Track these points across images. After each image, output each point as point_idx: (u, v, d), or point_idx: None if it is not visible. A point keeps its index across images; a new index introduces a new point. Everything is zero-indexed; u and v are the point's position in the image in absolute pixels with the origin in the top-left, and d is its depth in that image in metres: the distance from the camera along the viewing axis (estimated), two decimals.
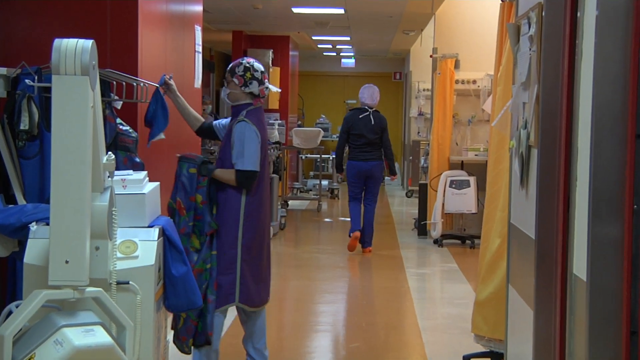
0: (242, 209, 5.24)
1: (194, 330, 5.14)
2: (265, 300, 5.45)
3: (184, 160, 5.28)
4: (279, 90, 5.39)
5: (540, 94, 4.19)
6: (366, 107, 10.72)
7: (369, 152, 10.66)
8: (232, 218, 5.22)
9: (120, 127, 5.06)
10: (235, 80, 5.29)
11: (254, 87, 5.26)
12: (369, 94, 10.82)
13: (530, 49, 4.46)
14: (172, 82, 5.45)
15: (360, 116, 10.69)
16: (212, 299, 5.17)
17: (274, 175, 12.08)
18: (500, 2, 5.94)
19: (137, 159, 5.12)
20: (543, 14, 4.17)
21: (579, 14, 3.50)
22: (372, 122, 10.64)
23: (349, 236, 10.85)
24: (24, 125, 4.55)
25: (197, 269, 5.08)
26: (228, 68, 5.41)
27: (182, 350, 5.20)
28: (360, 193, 10.87)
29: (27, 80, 4.58)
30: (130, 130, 5.12)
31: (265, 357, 5.49)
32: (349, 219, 11.08)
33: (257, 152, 5.20)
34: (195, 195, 5.18)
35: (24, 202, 4.52)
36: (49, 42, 3.60)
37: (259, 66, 5.35)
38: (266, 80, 5.33)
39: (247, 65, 5.33)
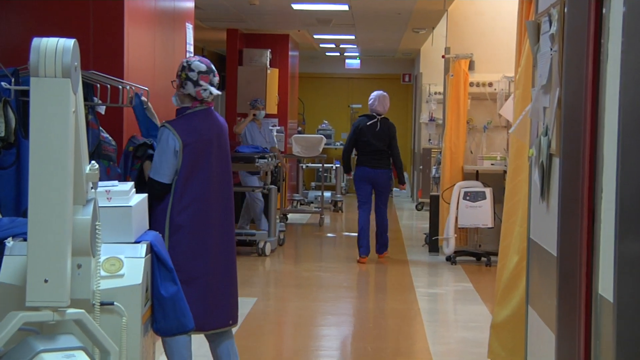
0: (167, 220, 5.13)
1: None
2: (211, 326, 5.26)
3: (131, 138, 5.35)
4: (219, 94, 5.33)
5: (563, 97, 4.19)
6: (374, 114, 11.33)
7: (377, 160, 11.25)
8: (158, 227, 5.00)
9: (102, 134, 5.07)
10: (176, 80, 5.25)
11: (190, 89, 5.20)
12: (381, 101, 11.39)
13: (551, 49, 4.46)
14: (148, 103, 5.48)
15: (368, 123, 11.30)
16: None
17: (272, 186, 12.08)
18: None
19: (119, 170, 5.13)
20: (565, 10, 4.17)
21: (604, 11, 3.50)
22: (378, 129, 11.23)
23: (360, 256, 11.35)
24: (0, 132, 4.56)
25: None
26: None
27: None
28: (369, 197, 11.36)
29: (3, 83, 4.59)
30: (110, 139, 5.13)
31: None
32: (354, 234, 11.08)
33: (167, 162, 5.10)
34: (129, 175, 5.23)
35: (0, 216, 4.53)
36: (27, 42, 3.60)
37: (198, 65, 5.22)
38: (204, 82, 5.21)
39: (184, 64, 5.24)
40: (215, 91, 5.27)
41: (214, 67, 5.32)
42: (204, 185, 5.21)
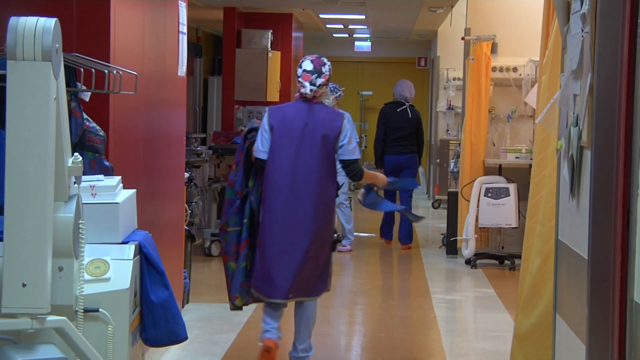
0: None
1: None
2: (267, 296, 6.60)
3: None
4: (313, 89, 6.74)
5: (595, 84, 4.19)
6: (403, 101, 12.84)
7: (403, 145, 12.75)
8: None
9: (87, 123, 5.07)
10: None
11: (298, 84, 6.81)
12: (408, 88, 13.00)
13: (582, 30, 4.46)
14: None
15: (398, 110, 12.79)
16: None
17: None
18: None
19: (106, 163, 5.13)
20: None
21: None
22: (410, 115, 12.78)
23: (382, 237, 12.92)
24: None
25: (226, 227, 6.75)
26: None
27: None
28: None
29: None
30: (98, 128, 5.13)
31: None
32: (364, 235, 11.07)
33: (261, 139, 6.62)
34: (242, 151, 6.75)
35: None
36: (4, 22, 3.61)
37: (306, 64, 6.75)
38: (304, 80, 6.70)
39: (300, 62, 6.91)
40: (308, 89, 6.65)
41: (324, 69, 6.74)
42: (281, 165, 6.59)
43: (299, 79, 6.68)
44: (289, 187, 6.61)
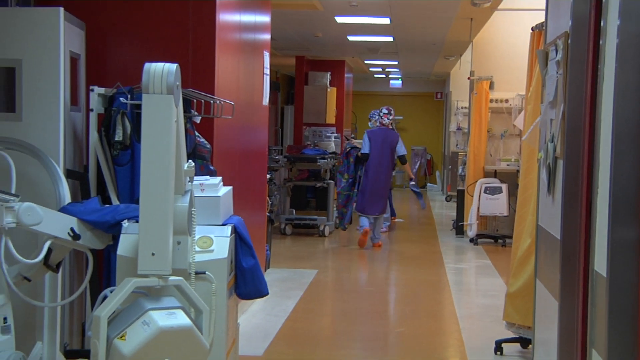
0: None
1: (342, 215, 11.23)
2: (364, 213, 10.69)
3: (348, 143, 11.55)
4: (388, 122, 10.88)
5: (566, 111, 4.14)
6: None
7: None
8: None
9: (198, 139, 5.10)
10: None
11: (382, 119, 10.96)
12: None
13: (557, 72, 4.41)
14: None
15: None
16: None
17: (330, 181, 12.09)
18: (531, 31, 5.89)
19: (212, 167, 5.16)
20: (569, 41, 4.13)
21: (601, 42, 3.46)
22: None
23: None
24: (119, 136, 4.62)
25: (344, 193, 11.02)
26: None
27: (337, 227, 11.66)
28: None
29: (121, 99, 4.65)
30: (206, 142, 5.16)
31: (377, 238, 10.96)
32: (397, 220, 11.14)
33: (364, 144, 10.72)
34: (345, 156, 11.09)
35: (118, 203, 4.59)
36: (140, 66, 3.64)
37: (384, 111, 10.93)
38: (384, 118, 10.79)
39: (383, 110, 10.94)
40: (386, 121, 10.76)
41: (392, 112, 10.89)
42: (374, 156, 10.65)
43: (381, 116, 10.73)
44: (376, 166, 10.64)
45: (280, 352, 5.90)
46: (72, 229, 3.90)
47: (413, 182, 11.56)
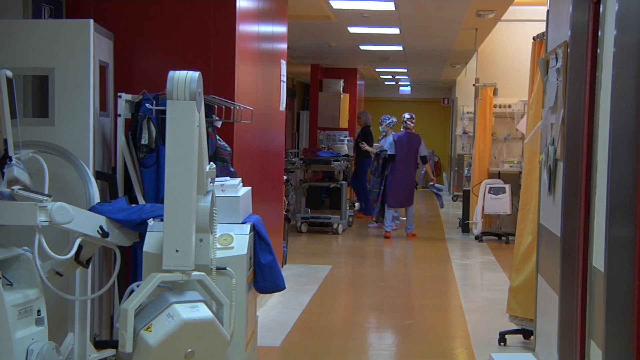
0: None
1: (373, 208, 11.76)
2: (399, 205, 11.36)
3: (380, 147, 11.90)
4: (411, 127, 11.55)
5: (566, 116, 4.13)
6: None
7: None
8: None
9: (219, 142, 5.11)
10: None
11: (404, 124, 11.49)
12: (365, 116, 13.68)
13: (557, 79, 4.40)
14: None
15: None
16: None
17: (343, 182, 12.08)
18: (532, 40, 5.88)
19: (232, 169, 5.17)
20: (569, 50, 4.12)
21: (599, 51, 3.45)
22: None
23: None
24: (144, 140, 4.63)
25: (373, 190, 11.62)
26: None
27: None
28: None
29: (147, 105, 4.66)
30: (226, 145, 5.17)
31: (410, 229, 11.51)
32: (404, 218, 11.20)
33: (392, 147, 11.25)
34: (376, 158, 11.68)
35: (144, 202, 4.60)
36: (165, 74, 3.65)
37: (406, 116, 11.46)
38: (409, 123, 11.53)
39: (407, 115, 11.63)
40: (411, 126, 11.45)
41: (414, 117, 11.55)
42: (400, 157, 11.24)
43: (407, 122, 11.44)
44: (403, 166, 11.26)
45: (297, 343, 5.90)
46: (101, 227, 3.92)
47: (432, 183, 12.09)
